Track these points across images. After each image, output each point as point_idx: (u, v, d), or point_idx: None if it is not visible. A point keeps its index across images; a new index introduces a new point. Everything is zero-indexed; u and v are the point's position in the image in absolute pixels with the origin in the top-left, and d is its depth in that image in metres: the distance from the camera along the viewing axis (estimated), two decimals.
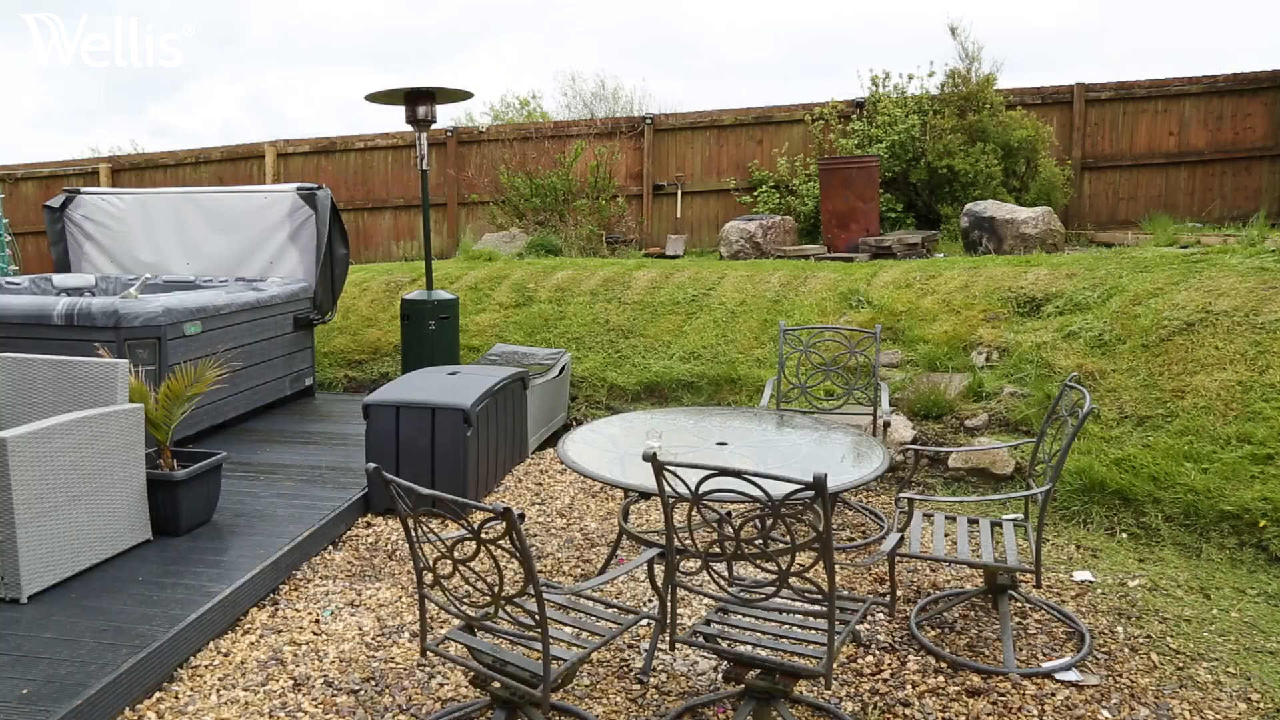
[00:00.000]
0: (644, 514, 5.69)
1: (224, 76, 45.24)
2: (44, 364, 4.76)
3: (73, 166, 15.93)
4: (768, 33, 38.73)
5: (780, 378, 6.12)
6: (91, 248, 8.61)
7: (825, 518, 2.72)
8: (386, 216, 14.54)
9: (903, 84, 12.38)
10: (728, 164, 13.23)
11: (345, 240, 8.17)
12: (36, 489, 3.93)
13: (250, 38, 45.23)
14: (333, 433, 6.96)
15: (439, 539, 2.83)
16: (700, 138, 13.33)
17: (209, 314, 6.47)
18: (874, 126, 12.06)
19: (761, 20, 37.66)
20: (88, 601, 3.95)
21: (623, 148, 13.46)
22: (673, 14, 37.96)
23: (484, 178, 13.87)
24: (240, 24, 45.44)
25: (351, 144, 14.59)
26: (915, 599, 4.40)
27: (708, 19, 37.90)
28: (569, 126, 14.16)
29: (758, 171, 12.88)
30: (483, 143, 14.17)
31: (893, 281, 8.34)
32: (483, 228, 13.81)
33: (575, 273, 9.71)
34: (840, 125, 12.45)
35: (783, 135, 12.94)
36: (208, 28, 44.43)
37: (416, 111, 7.29)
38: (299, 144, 14.81)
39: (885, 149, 11.68)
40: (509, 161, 13.50)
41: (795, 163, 12.56)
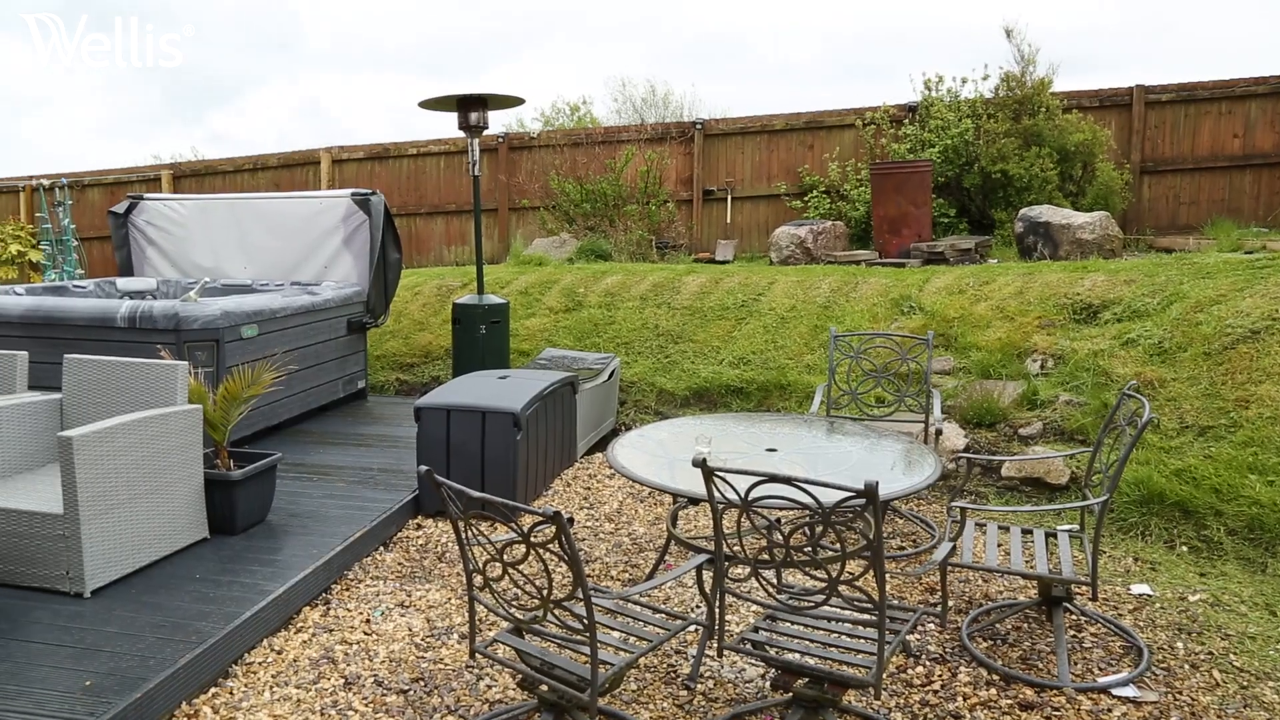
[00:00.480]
0: (692, 520, 5.68)
1: (280, 84, 46.08)
2: (108, 365, 4.89)
3: (136, 174, 16.33)
4: (816, 37, 38.49)
5: (830, 384, 6.07)
6: (153, 252, 8.83)
7: (876, 526, 2.69)
8: (439, 221, 14.69)
9: (956, 88, 12.24)
10: (778, 169, 13.17)
11: (398, 245, 8.28)
12: (100, 486, 4.03)
13: (305, 46, 46.03)
14: (384, 435, 7.05)
15: (489, 542, 2.85)
16: (750, 143, 13.29)
17: (265, 317, 6.59)
18: (926, 131, 11.93)
19: (810, 24, 37.46)
20: (147, 597, 4.04)
21: (673, 153, 13.46)
22: (721, 18, 37.92)
23: (534, 183, 13.96)
24: (295, 33, 46.29)
25: (405, 150, 14.77)
26: (967, 609, 4.34)
27: (755, 23, 37.82)
28: (619, 132, 14.20)
29: (808, 176, 12.80)
30: (534, 148, 14.26)
31: (945, 287, 8.24)
32: (533, 233, 13.90)
33: (625, 278, 9.73)
34: (892, 130, 12.34)
35: (834, 140, 12.86)
36: (263, 36, 45.32)
37: (469, 117, 7.36)
38: (353, 150, 15.04)
39: (938, 153, 11.55)
40: (559, 167, 13.57)
41: (846, 167, 12.47)
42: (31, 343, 6.04)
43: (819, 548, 2.87)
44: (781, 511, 3.18)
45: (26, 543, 4.05)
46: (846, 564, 2.83)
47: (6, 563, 4.09)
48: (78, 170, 16.81)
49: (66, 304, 6.27)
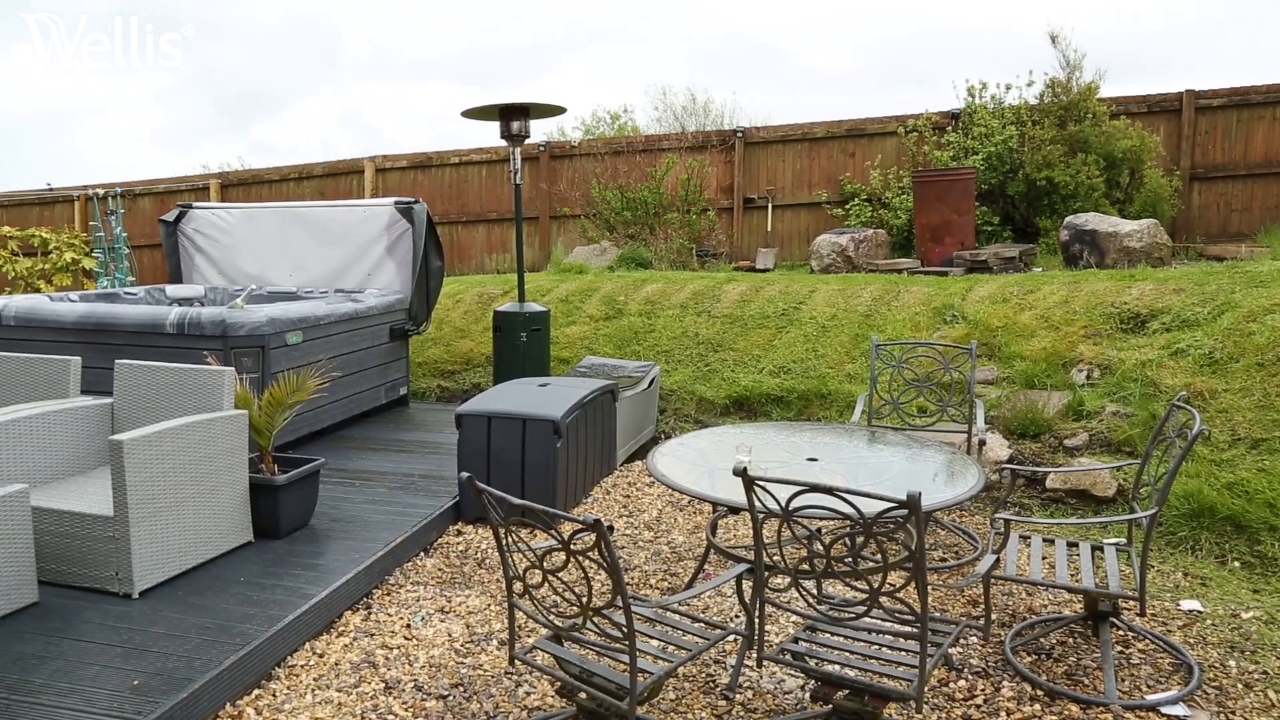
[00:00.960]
0: (732, 529, 5.66)
1: (323, 95, 46.85)
2: (157, 371, 4.98)
3: (185, 183, 16.64)
4: (857, 44, 38.37)
5: (872, 393, 6.03)
6: (201, 260, 8.99)
7: (918, 537, 2.67)
8: (480, 230, 14.80)
9: (1000, 94, 12.12)
10: (819, 177, 13.12)
11: (440, 253, 8.35)
12: (149, 490, 4.11)
13: (347, 58, 46.77)
14: (426, 441, 7.11)
15: (529, 549, 2.86)
16: (791, 150, 13.25)
17: (310, 324, 6.68)
18: (970, 138, 11.82)
19: (851, 31, 37.36)
20: (193, 599, 4.10)
21: (713, 161, 13.46)
22: (761, 26, 37.90)
23: (575, 191, 14.03)
24: (338, 45, 47.04)
25: (447, 159, 14.92)
26: (1010, 623, 4.28)
27: (796, 31, 37.75)
28: (660, 140, 14.23)
29: (850, 184, 12.74)
30: (574, 157, 14.33)
31: (988, 296, 8.15)
32: (574, 241, 13.97)
33: (665, 286, 9.74)
34: (935, 137, 12.24)
35: (875, 147, 12.78)
36: (307, 48, 46.07)
37: (511, 127, 7.42)
38: (396, 159, 15.21)
39: (981, 161, 11.43)
40: (600, 175, 13.63)
41: (888, 175, 12.39)
42: (85, 348, 6.17)
43: (860, 558, 2.85)
44: (822, 521, 3.16)
45: (78, 544, 4.13)
46: (888, 575, 2.81)
47: (59, 563, 4.18)
48: (130, 180, 17.18)
49: (118, 311, 6.40)
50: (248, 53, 47.20)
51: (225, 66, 46.64)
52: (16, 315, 6.59)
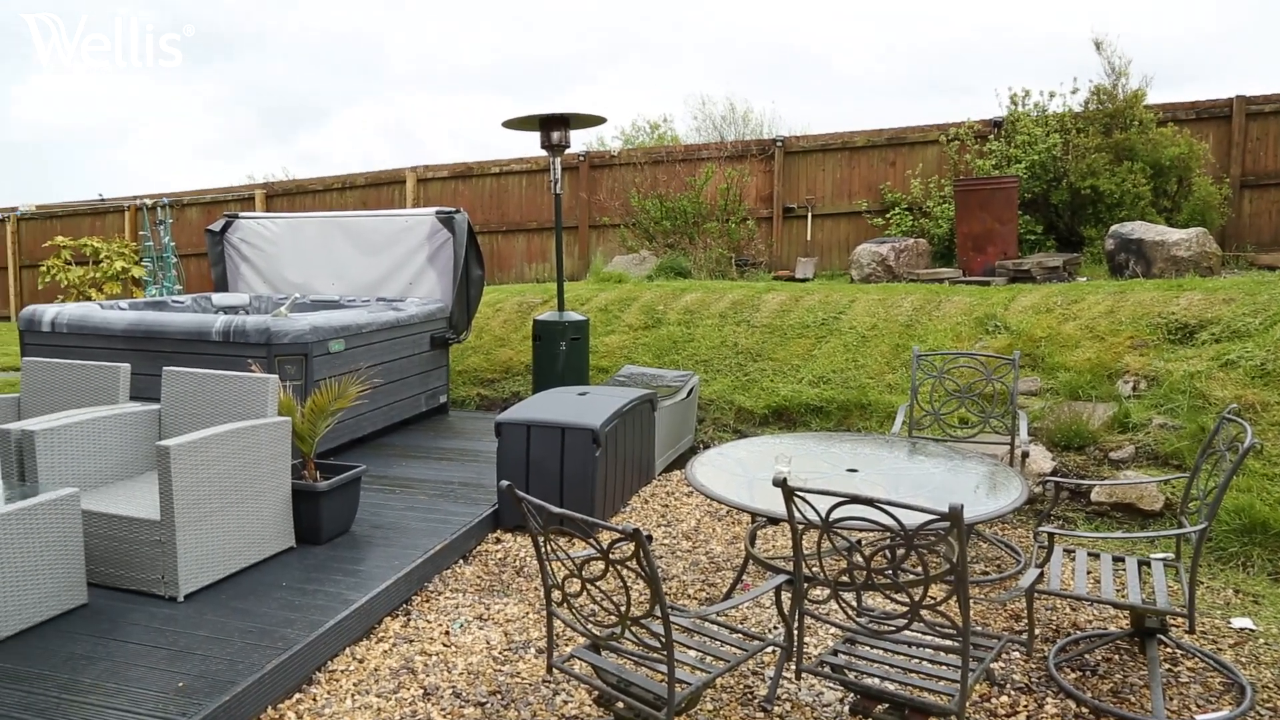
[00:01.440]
0: (770, 539, 5.63)
1: (365, 106, 47.50)
2: (203, 378, 5.07)
3: (232, 193, 16.93)
4: (897, 52, 38.15)
5: (913, 404, 5.98)
6: (247, 268, 9.13)
7: (960, 550, 2.64)
8: (520, 239, 14.90)
9: (1043, 102, 11.99)
10: (859, 186, 13.05)
11: (480, 262, 8.42)
12: (194, 494, 4.18)
13: (389, 70, 47.41)
14: (465, 449, 7.15)
15: (568, 557, 2.87)
16: (831, 159, 13.19)
17: (352, 332, 6.76)
18: (1013, 146, 11.70)
19: (891, 40, 37.16)
20: (236, 603, 4.16)
21: (753, 170, 13.44)
22: (800, 35, 37.83)
23: (615, 201, 14.07)
24: (379, 57, 47.69)
25: (487, 169, 15.03)
26: (1054, 639, 4.21)
27: (836, 40, 37.64)
28: (699, 150, 14.24)
29: (890, 193, 12.66)
30: (614, 166, 14.38)
31: (1032, 306, 8.05)
32: (613, 250, 14.00)
33: (704, 295, 9.73)
34: (977, 145, 12.13)
35: (916, 156, 12.69)
36: (350, 61, 46.76)
37: (551, 136, 7.47)
38: (438, 169, 15.36)
39: (1024, 169, 11.31)
40: (639, 185, 13.66)
41: (929, 184, 12.29)
42: (134, 355, 6.30)
43: (900, 571, 2.82)
44: (862, 533, 3.14)
45: (126, 547, 4.21)
46: (929, 588, 2.78)
47: (107, 565, 4.26)
48: (178, 190, 17.51)
49: (165, 318, 6.52)
50: (292, 66, 48.03)
51: (271, 79, 47.47)
52: (69, 322, 6.75)
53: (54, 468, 4.45)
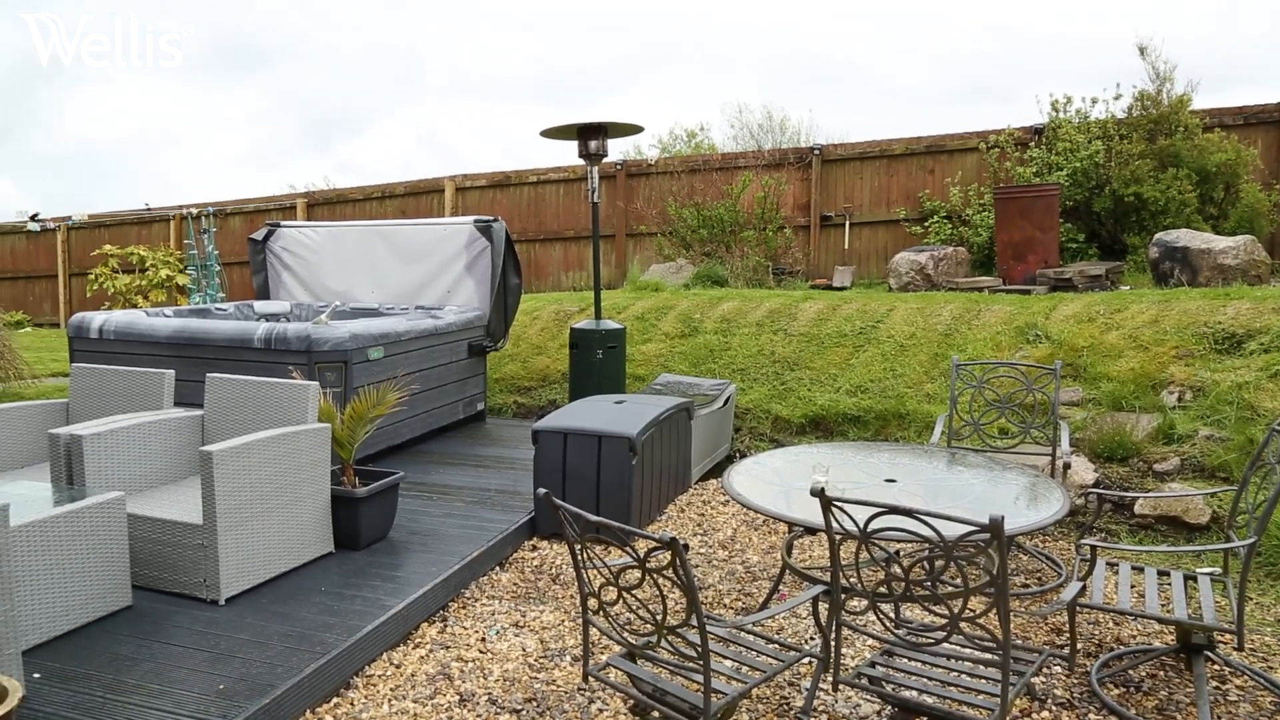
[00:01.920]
0: (807, 549, 5.60)
1: (403, 116, 48.09)
2: (245, 384, 5.14)
3: (274, 202, 17.18)
4: (935, 60, 37.90)
5: (952, 414, 5.92)
6: (288, 276, 9.26)
7: (1000, 562, 2.61)
8: (557, 247, 14.96)
9: (1085, 108, 11.84)
10: (897, 194, 12.97)
11: (518, 270, 8.46)
12: (236, 499, 4.23)
13: (427, 80, 47.97)
14: (502, 457, 7.19)
15: (605, 565, 2.87)
16: (869, 168, 13.13)
17: (391, 340, 6.82)
18: (1054, 154, 11.57)
19: (929, 46, 36.91)
20: (276, 607, 4.20)
21: (790, 178, 13.41)
22: (838, 43, 37.71)
23: (652, 209, 14.10)
24: (417, 68, 48.27)
25: (525, 178, 15.12)
26: (1096, 653, 4.15)
27: (873, 47, 37.47)
28: (736, 158, 14.23)
29: (929, 201, 12.56)
30: (651, 175, 14.41)
31: (1073, 315, 7.94)
32: (650, 258, 14.02)
33: (741, 304, 9.71)
34: (1017, 153, 12.01)
35: (955, 164, 12.59)
36: (388, 72, 47.39)
37: (588, 146, 7.50)
38: (476, 178, 15.47)
39: (1066, 177, 11.18)
40: (676, 193, 13.68)
41: (969, 192, 12.19)
42: (178, 362, 6.40)
43: (939, 582, 2.79)
44: (900, 544, 3.11)
45: (170, 550, 4.27)
46: (968, 600, 2.75)
47: (151, 568, 4.32)
48: (221, 199, 17.80)
49: (209, 326, 6.62)
50: (332, 77, 48.72)
51: (311, 90, 48.18)
52: (116, 330, 6.87)
53: (101, 472, 4.53)
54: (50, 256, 19.19)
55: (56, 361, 11.33)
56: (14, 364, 9.50)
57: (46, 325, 18.86)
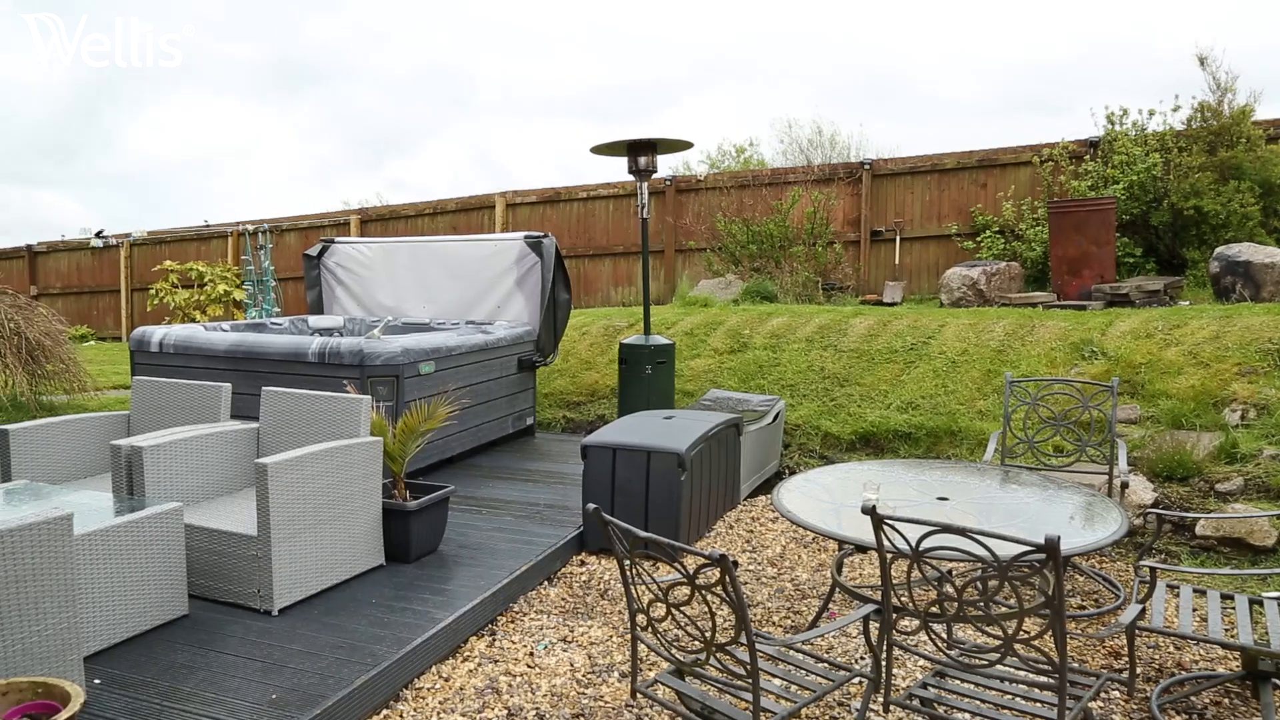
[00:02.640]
0: (857, 568, 5.54)
1: (454, 134, 48.79)
2: (300, 398, 5.22)
3: (328, 219, 17.48)
4: (986, 72, 37.54)
5: (1005, 431, 5.83)
6: (341, 291, 9.40)
7: (1057, 583, 2.56)
8: (606, 263, 15.02)
9: (1142, 120, 11.64)
10: (949, 208, 12.83)
11: (567, 286, 8.51)
12: (290, 511, 4.30)
13: (477, 99, 48.63)
14: (551, 471, 7.21)
15: (654, 582, 2.86)
16: (920, 182, 13.01)
17: (442, 355, 6.89)
18: (1109, 167, 11.38)
19: (980, 59, 36.57)
20: (328, 618, 4.25)
21: (840, 193, 13.34)
22: (888, 57, 37.50)
23: (701, 225, 14.11)
24: (468, 87, 48.98)
25: (575, 194, 15.22)
26: (1157, 678, 4.04)
27: (924, 61, 37.18)
28: (785, 173, 14.20)
29: (981, 216, 12.41)
30: (700, 191, 14.42)
31: (1131, 331, 7.79)
32: (699, 274, 14.02)
33: (790, 319, 9.67)
34: (1071, 166, 11.83)
35: (1008, 178, 12.44)
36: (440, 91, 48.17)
37: (638, 162, 7.53)
38: (526, 194, 15.60)
39: (1122, 190, 10.98)
40: (725, 209, 13.67)
41: (1022, 206, 12.02)
42: (235, 375, 6.53)
43: (993, 603, 2.75)
44: (953, 563, 3.07)
45: (225, 560, 4.35)
46: (1023, 621, 2.70)
47: (208, 578, 4.40)
48: (277, 216, 18.15)
49: (265, 340, 6.74)
50: (385, 96, 49.57)
51: (364, 109, 49.08)
52: (175, 343, 7.03)
53: (160, 483, 4.63)
54: (113, 272, 19.70)
55: (118, 374, 11.62)
56: (78, 377, 9.75)
57: (109, 339, 19.35)
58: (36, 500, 4.36)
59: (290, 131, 52.06)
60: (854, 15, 39.40)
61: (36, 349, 9.34)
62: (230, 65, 47.35)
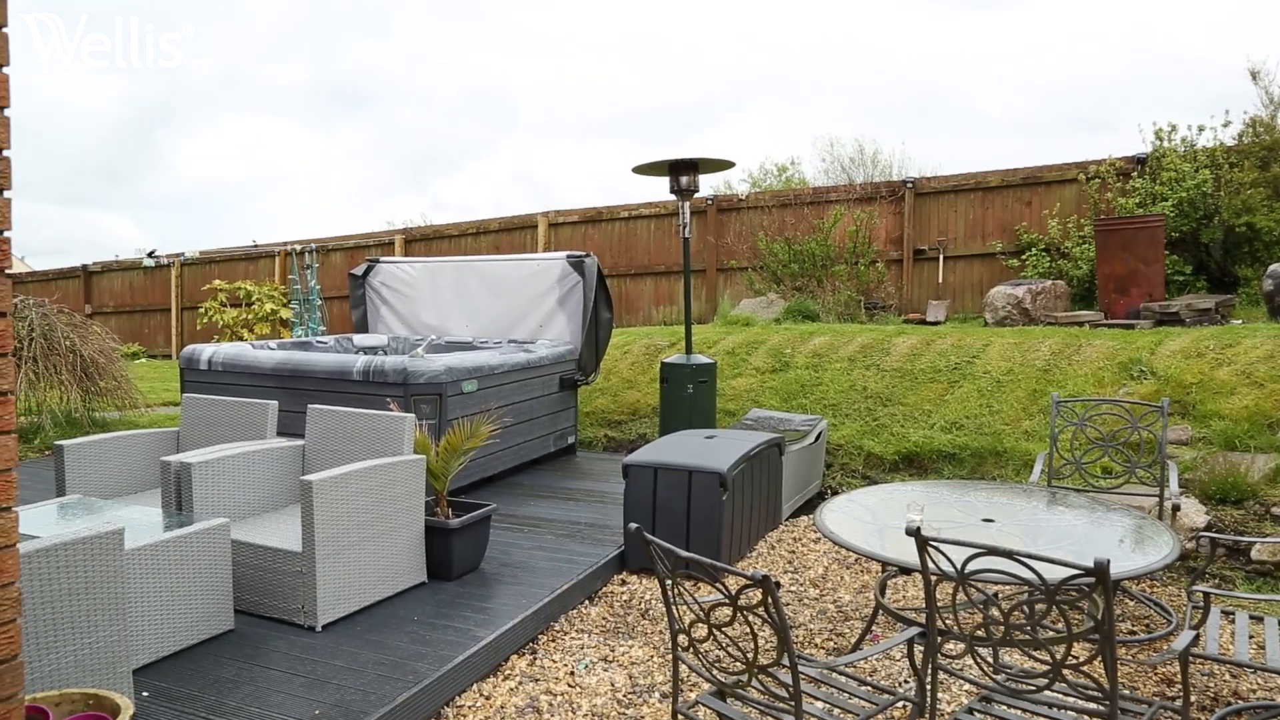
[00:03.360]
0: (900, 590, 5.47)
1: (496, 155, 49.38)
2: (345, 415, 5.28)
3: (373, 238, 17.71)
4: (1030, 89, 37.21)
5: (1052, 452, 5.74)
6: (386, 311, 9.52)
7: (1106, 608, 2.51)
8: (648, 282, 15.05)
9: (1192, 136, 11.44)
10: (993, 226, 12.70)
11: (609, 305, 8.54)
12: (334, 528, 4.34)
13: (519, 120, 49.22)
14: (592, 490, 7.22)
15: (696, 602, 2.85)
16: (964, 200, 12.90)
17: (484, 373, 6.94)
18: (1158, 183, 11.20)
19: (1023, 76, 36.27)
20: (370, 635, 4.28)
21: (882, 212, 13.27)
22: (928, 73, 37.32)
23: (742, 244, 14.10)
24: (511, 109, 49.57)
25: (617, 213, 15.28)
26: (1212, 707, 3.94)
27: (964, 77, 36.98)
28: (827, 192, 14.15)
29: (1026, 234, 12.27)
30: (741, 210, 14.42)
31: (1181, 350, 7.65)
32: (740, 293, 14.00)
33: (832, 338, 9.62)
34: (1118, 183, 11.66)
35: (1053, 195, 12.29)
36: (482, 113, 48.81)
37: (680, 181, 7.55)
38: (568, 214, 15.70)
39: (1171, 207, 10.80)
40: (767, 228, 13.66)
41: (1068, 224, 11.86)
42: (281, 392, 6.62)
43: (1041, 627, 2.70)
44: (999, 586, 3.02)
45: (270, 576, 4.40)
46: (1072, 646, 2.65)
47: (253, 593, 4.46)
48: (323, 236, 18.43)
49: (311, 358, 6.84)
50: (428, 118, 50.33)
51: (408, 131, 49.87)
52: (223, 361, 7.16)
53: (207, 498, 4.70)
54: (164, 291, 20.11)
55: (168, 391, 11.83)
56: (130, 394, 9.96)
57: (160, 356, 19.73)
58: (89, 514, 4.45)
59: (336, 153, 53.04)
60: (894, 33, 39.31)
61: (91, 366, 9.57)
62: (279, 88, 48.42)
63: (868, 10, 40.93)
